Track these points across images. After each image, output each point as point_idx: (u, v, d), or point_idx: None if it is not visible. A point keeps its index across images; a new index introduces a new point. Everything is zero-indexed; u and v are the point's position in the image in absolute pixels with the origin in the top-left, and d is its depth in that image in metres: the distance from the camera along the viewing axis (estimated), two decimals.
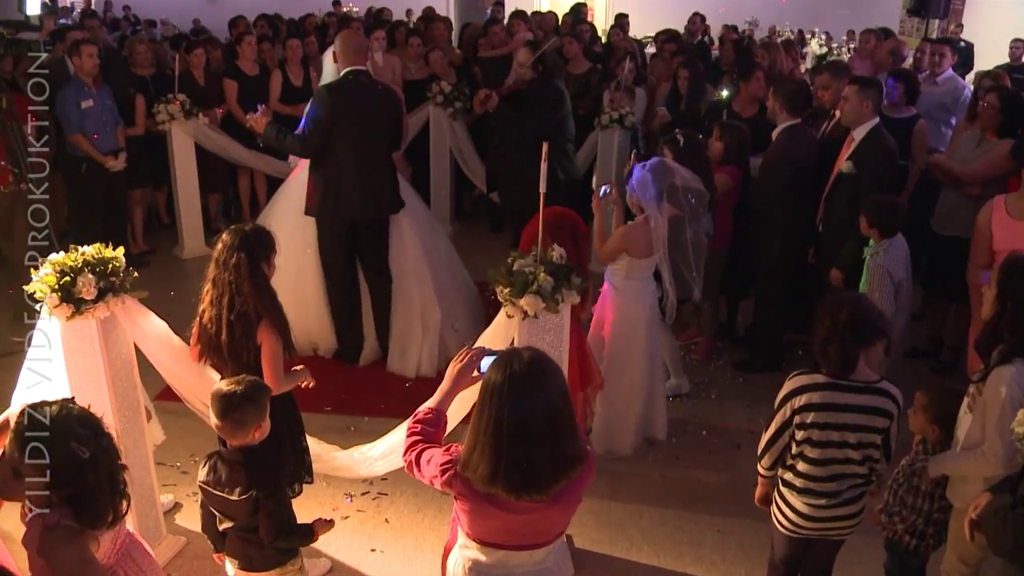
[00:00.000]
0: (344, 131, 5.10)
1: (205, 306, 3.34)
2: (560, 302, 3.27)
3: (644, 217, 4.36)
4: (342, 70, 5.17)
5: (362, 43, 5.47)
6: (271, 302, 3.34)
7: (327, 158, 5.16)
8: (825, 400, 2.99)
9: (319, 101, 5.07)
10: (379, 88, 5.41)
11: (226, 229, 3.42)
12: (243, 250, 3.27)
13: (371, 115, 5.20)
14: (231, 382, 2.86)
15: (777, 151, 5.16)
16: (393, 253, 5.60)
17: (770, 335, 5.77)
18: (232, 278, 3.26)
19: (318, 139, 5.08)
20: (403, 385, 5.44)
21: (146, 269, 7.19)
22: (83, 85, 6.61)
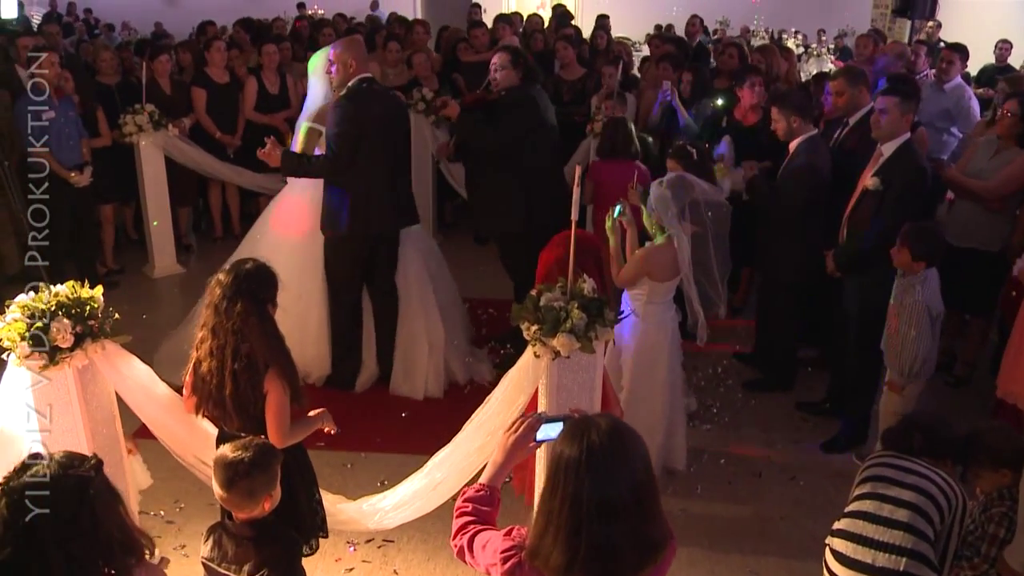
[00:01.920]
0: (370, 142, 4.80)
1: (202, 356, 2.97)
2: (594, 339, 2.95)
3: (665, 238, 4.07)
4: (352, 78, 4.84)
5: (364, 49, 5.18)
6: (280, 349, 3.00)
7: (352, 172, 4.83)
8: None
9: (343, 113, 4.75)
10: (390, 93, 5.15)
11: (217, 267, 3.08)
12: (247, 296, 2.92)
13: (392, 122, 4.97)
14: (237, 447, 2.50)
15: (800, 163, 4.89)
16: (399, 268, 5.34)
17: (784, 354, 5.51)
18: (237, 326, 2.91)
19: (348, 155, 4.77)
20: (400, 415, 5.10)
21: (115, 290, 6.82)
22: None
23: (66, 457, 1.98)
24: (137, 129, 6.81)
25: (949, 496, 2.87)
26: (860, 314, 4.77)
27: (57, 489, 1.89)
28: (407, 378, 5.33)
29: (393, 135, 5.02)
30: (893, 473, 2.98)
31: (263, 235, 5.36)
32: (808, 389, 5.53)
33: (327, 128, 4.86)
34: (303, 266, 5.07)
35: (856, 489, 3.11)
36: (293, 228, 5.22)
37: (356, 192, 4.87)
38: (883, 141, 4.58)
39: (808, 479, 4.67)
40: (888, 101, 4.51)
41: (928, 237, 4.08)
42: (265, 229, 5.40)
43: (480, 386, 5.47)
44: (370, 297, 5.31)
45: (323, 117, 5.10)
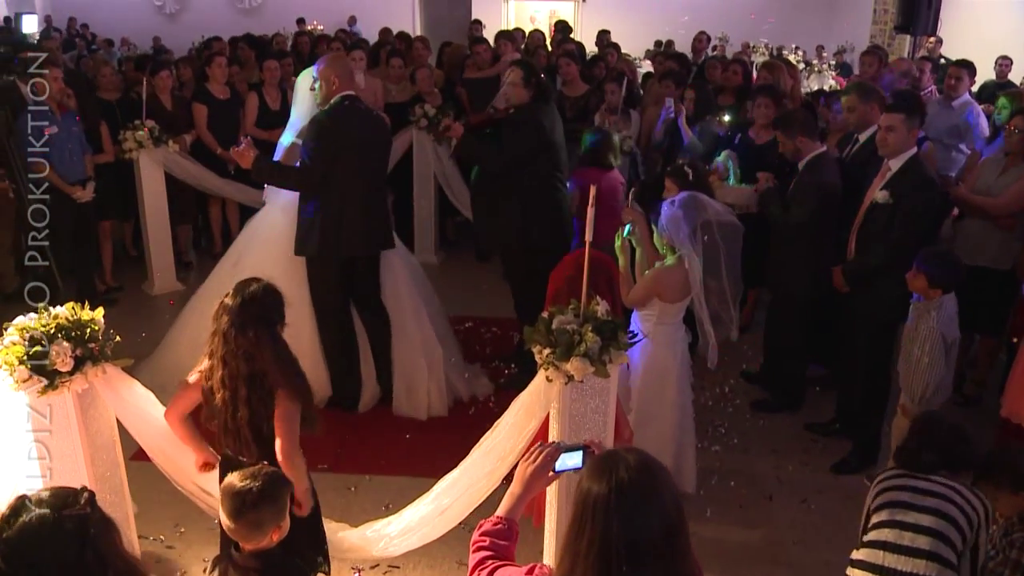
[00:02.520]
0: (345, 161, 4.70)
1: (215, 387, 2.88)
2: (608, 363, 2.88)
3: (676, 258, 4.00)
4: (335, 95, 4.75)
5: (350, 66, 5.09)
6: (292, 371, 2.93)
7: (325, 191, 4.74)
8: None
9: (319, 130, 4.66)
10: (373, 113, 5.05)
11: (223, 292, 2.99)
12: (257, 321, 2.85)
13: (370, 143, 4.85)
14: (245, 476, 2.42)
15: (808, 181, 4.84)
16: (388, 290, 5.23)
17: (792, 373, 5.44)
18: (247, 352, 2.83)
19: (318, 170, 4.67)
20: (404, 436, 5.01)
21: (113, 308, 6.74)
22: (47, 110, 6.13)
23: (55, 496, 1.83)
24: (137, 145, 6.74)
25: (969, 512, 2.80)
26: (869, 331, 4.72)
27: (57, 534, 1.76)
28: (409, 397, 5.25)
29: (371, 156, 4.91)
30: (910, 497, 2.91)
31: (245, 257, 5.23)
32: (816, 409, 5.46)
33: (303, 142, 4.78)
34: (288, 289, 4.94)
35: (873, 516, 3.04)
36: (275, 249, 5.09)
37: (327, 213, 4.78)
38: (891, 157, 4.54)
39: (819, 502, 4.59)
40: (894, 118, 4.48)
41: (946, 263, 4.01)
42: (246, 251, 5.29)
43: (483, 403, 5.41)
44: (360, 318, 5.23)
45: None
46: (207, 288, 5.34)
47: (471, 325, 6.38)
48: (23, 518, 1.77)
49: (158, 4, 19.38)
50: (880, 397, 4.82)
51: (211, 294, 5.15)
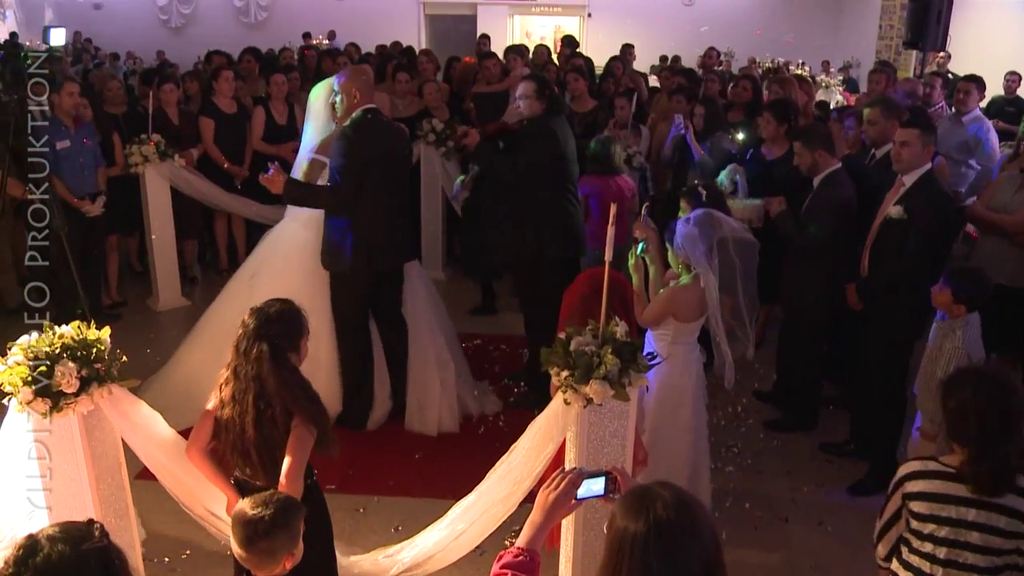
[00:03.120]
0: (374, 175, 4.68)
1: (225, 400, 2.82)
2: (627, 385, 2.80)
3: (692, 277, 3.93)
4: (356, 109, 4.72)
5: (371, 79, 5.07)
6: (303, 395, 2.84)
7: (356, 205, 4.70)
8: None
9: (347, 145, 4.62)
10: (394, 125, 5.05)
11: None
12: (265, 340, 2.78)
13: (396, 155, 4.87)
14: (257, 503, 2.33)
15: (827, 197, 4.77)
16: (406, 304, 5.21)
17: (808, 392, 5.35)
18: (255, 372, 2.77)
19: (352, 187, 4.64)
20: (413, 456, 4.92)
21: (117, 323, 6.67)
22: (60, 125, 6.13)
23: (67, 532, 1.75)
24: (143, 160, 6.69)
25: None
26: (883, 350, 4.64)
27: (83, 570, 1.68)
28: (421, 413, 5.19)
29: (397, 168, 4.92)
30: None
31: (263, 271, 5.18)
32: (830, 428, 5.37)
33: (331, 159, 4.74)
34: (309, 304, 4.88)
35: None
36: (295, 263, 5.06)
37: (359, 227, 4.74)
38: (905, 173, 4.49)
39: (836, 524, 4.50)
40: (909, 133, 4.44)
41: (973, 279, 3.92)
42: (264, 265, 5.23)
43: (492, 422, 5.33)
44: (379, 332, 5.18)
45: (326, 148, 4.99)
46: (221, 303, 5.29)
47: (479, 342, 6.30)
48: (41, 557, 1.69)
49: (163, 18, 19.44)
50: (896, 417, 4.73)
51: (225, 309, 5.11)
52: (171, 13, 19.44)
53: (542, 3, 18.21)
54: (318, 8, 18.63)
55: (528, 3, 18.07)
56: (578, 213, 5.37)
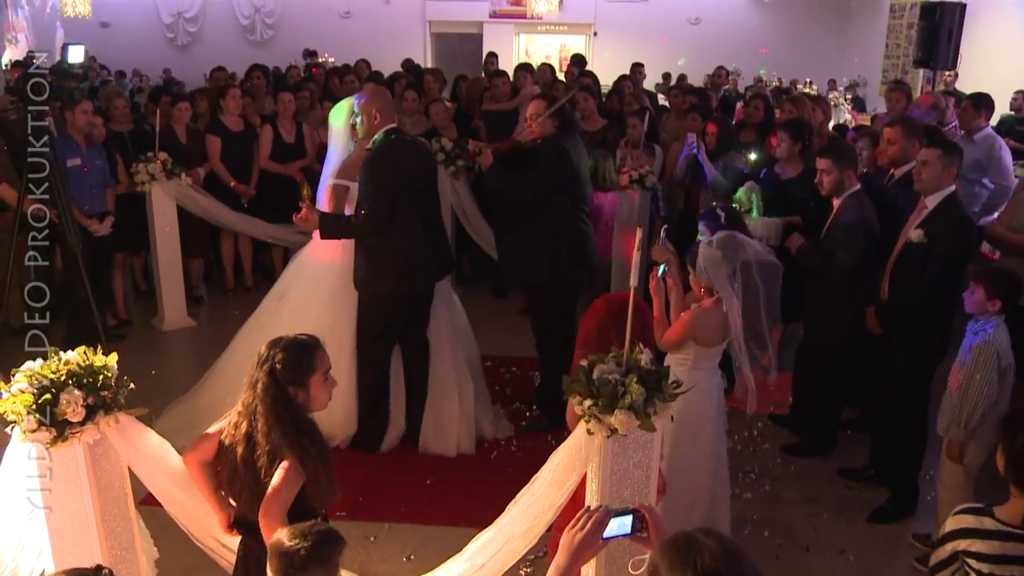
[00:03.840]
0: (406, 196, 4.62)
1: (230, 424, 2.71)
2: (653, 415, 2.70)
3: (714, 300, 3.83)
4: (378, 130, 4.65)
5: (390, 99, 5.00)
6: (295, 440, 2.62)
7: (391, 228, 4.63)
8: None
9: (376, 169, 4.56)
10: (418, 142, 5.01)
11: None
12: (269, 374, 2.64)
13: (425, 173, 4.84)
14: (295, 533, 2.20)
15: (852, 219, 4.67)
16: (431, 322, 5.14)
17: (825, 417, 5.25)
18: (252, 404, 2.65)
19: (386, 212, 4.57)
20: (425, 481, 4.81)
21: (123, 343, 6.60)
22: (72, 142, 6.08)
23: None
24: (149, 178, 6.62)
25: None
26: (904, 374, 4.54)
27: None
28: (437, 434, 5.09)
29: (426, 184, 4.89)
30: None
31: (291, 292, 5.12)
32: (849, 453, 5.26)
33: (361, 185, 4.66)
34: (332, 325, 4.82)
35: None
36: (322, 283, 4.99)
37: (396, 249, 4.67)
38: (926, 194, 4.41)
39: (858, 553, 4.39)
40: (930, 153, 4.36)
41: (1005, 276, 3.87)
42: (292, 286, 5.16)
43: (504, 446, 5.22)
44: (402, 353, 5.08)
45: (348, 171, 4.93)
46: (251, 326, 5.21)
47: (490, 364, 6.19)
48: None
49: (170, 36, 19.45)
50: (917, 443, 4.63)
51: (254, 331, 5.05)
52: (177, 31, 19.45)
53: (548, 21, 18.18)
54: (324, 26, 18.64)
55: (534, 21, 18.03)
56: (591, 233, 5.29)
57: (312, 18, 18.88)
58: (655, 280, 3.99)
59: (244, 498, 2.71)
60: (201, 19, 19.50)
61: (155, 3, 19.28)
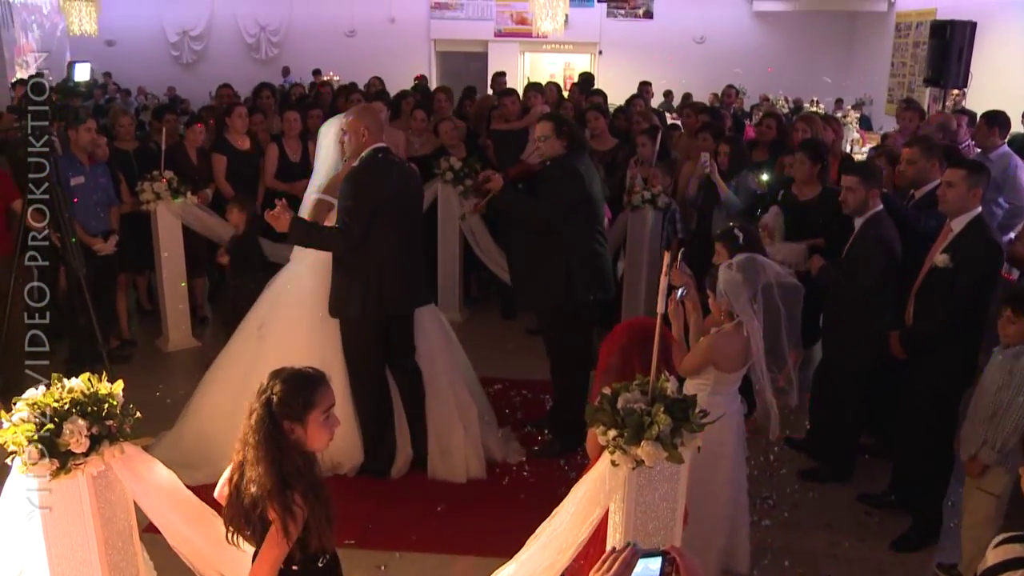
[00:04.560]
0: (384, 217, 4.49)
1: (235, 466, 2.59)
2: (680, 446, 2.59)
3: (735, 324, 3.73)
4: (366, 148, 4.55)
5: (380, 117, 4.89)
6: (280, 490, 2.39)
7: (364, 248, 4.51)
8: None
9: (357, 184, 4.45)
10: (406, 165, 4.85)
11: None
12: (264, 407, 2.46)
13: (406, 196, 4.67)
14: None
15: (875, 240, 4.57)
16: (420, 348, 4.99)
17: (845, 442, 5.13)
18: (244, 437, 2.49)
19: (360, 229, 4.44)
20: (436, 509, 4.69)
21: (127, 364, 6.50)
22: (76, 160, 6.02)
23: None
24: (155, 197, 6.54)
25: None
26: (931, 401, 4.42)
27: None
28: (445, 460, 4.97)
29: (408, 209, 4.74)
30: None
31: (272, 320, 4.95)
32: (868, 478, 5.14)
33: (340, 199, 4.55)
34: (321, 353, 4.69)
35: None
36: (305, 310, 4.85)
37: (368, 271, 4.55)
38: (952, 216, 4.31)
39: None
40: (955, 174, 4.26)
41: None
42: (272, 313, 4.99)
43: (516, 471, 5.11)
44: (393, 378, 4.96)
45: (333, 189, 4.82)
46: (229, 354, 5.06)
47: (500, 387, 6.08)
48: None
49: (175, 55, 19.48)
50: (943, 469, 4.52)
51: (234, 361, 4.90)
52: (183, 50, 19.48)
53: (553, 40, 18.17)
54: (329, 45, 18.66)
55: (539, 40, 18.02)
56: (607, 254, 5.20)
57: (317, 37, 18.90)
58: (673, 304, 3.89)
59: (233, 524, 2.55)
60: (206, 37, 19.53)
61: (160, 21, 19.32)
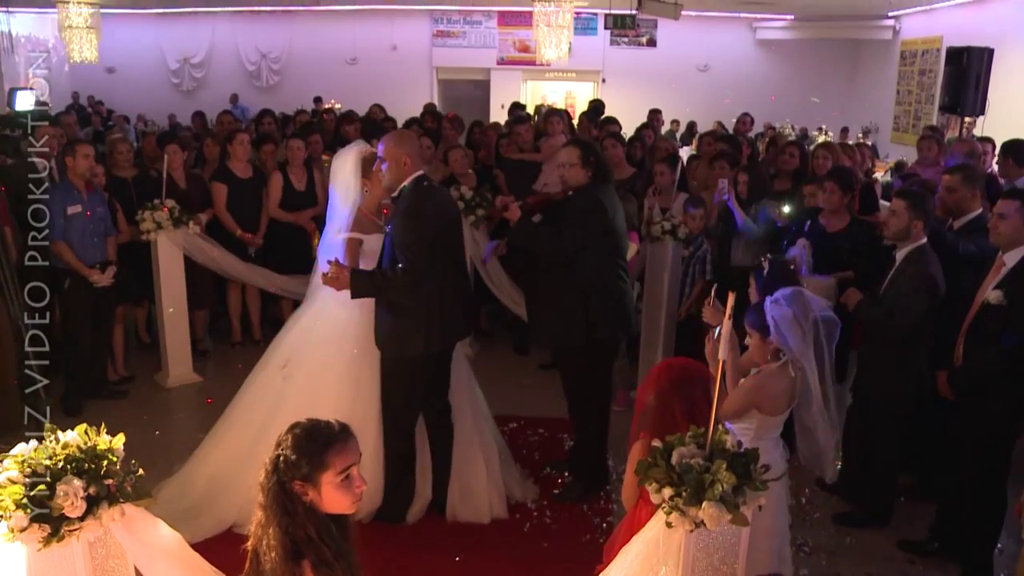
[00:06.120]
0: (439, 248, 4.28)
1: (253, 527, 2.33)
2: (742, 505, 2.34)
3: (780, 364, 3.48)
4: (408, 177, 4.30)
5: (418, 143, 4.71)
6: (288, 555, 2.17)
7: (426, 282, 4.28)
8: None
9: (419, 217, 4.20)
10: (446, 192, 4.66)
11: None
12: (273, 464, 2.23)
13: (454, 222, 4.54)
14: None
15: (918, 274, 4.33)
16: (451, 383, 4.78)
17: (885, 484, 4.86)
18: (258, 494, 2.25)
19: (424, 265, 4.19)
20: (455, 557, 4.38)
21: (124, 400, 6.24)
22: (72, 188, 5.81)
23: None
24: (156, 226, 6.29)
25: None
26: (984, 441, 4.18)
27: None
28: (465, 500, 4.70)
29: (456, 236, 4.58)
30: None
31: (298, 358, 4.66)
32: (907, 523, 4.86)
33: (398, 235, 4.24)
34: (355, 397, 4.44)
35: None
36: (335, 348, 4.57)
37: (428, 304, 4.28)
38: (1004, 250, 4.08)
39: None
40: (1008, 206, 4.05)
41: None
42: (299, 351, 4.70)
43: (538, 517, 4.82)
44: (426, 418, 4.68)
45: (361, 224, 4.59)
46: (248, 395, 4.76)
47: (516, 426, 5.81)
48: None
49: (175, 82, 19.38)
50: (995, 516, 4.25)
51: (254, 404, 4.62)
52: (183, 77, 19.40)
53: (556, 68, 18.05)
54: (330, 72, 18.56)
55: (541, 68, 17.92)
56: (629, 291, 4.95)
57: (318, 64, 18.82)
58: (711, 344, 3.64)
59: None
60: (207, 65, 19.45)
61: (161, 48, 19.25)
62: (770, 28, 18.55)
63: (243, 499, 4.17)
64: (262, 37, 19.32)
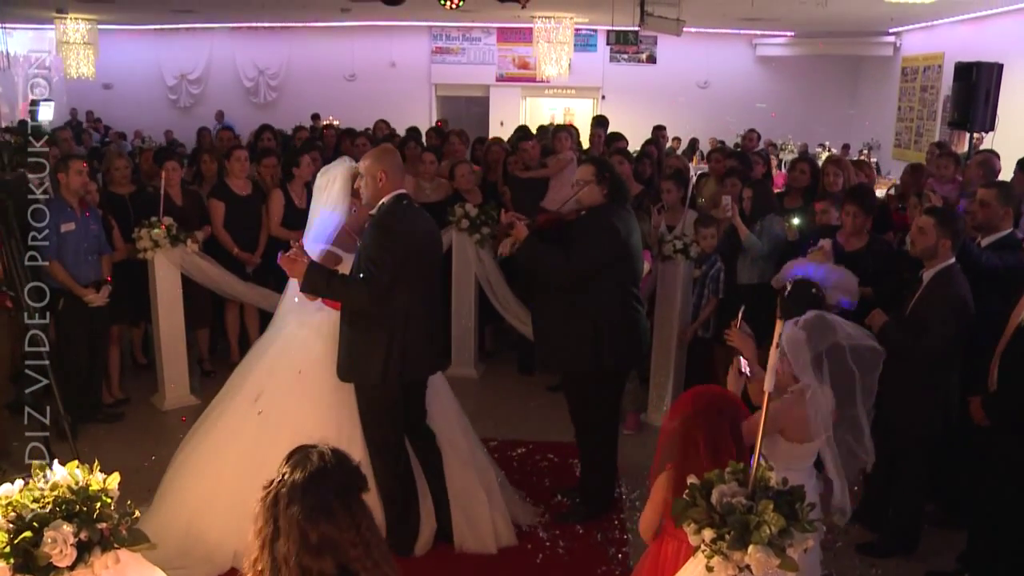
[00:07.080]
0: (409, 269, 4.06)
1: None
2: (789, 548, 2.16)
3: (799, 388, 3.32)
4: (385, 194, 4.12)
5: (399, 160, 4.43)
6: None
7: (386, 304, 4.04)
8: None
9: (387, 232, 4.01)
10: (426, 215, 4.42)
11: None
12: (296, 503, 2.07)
13: (434, 251, 4.30)
14: None
15: (947, 295, 4.17)
16: (434, 409, 4.56)
17: (911, 513, 4.68)
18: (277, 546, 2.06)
19: (388, 281, 3.97)
20: None
21: (119, 423, 6.05)
22: (66, 206, 5.65)
23: None
24: (153, 244, 6.12)
25: None
26: (1016, 470, 3.99)
27: None
28: (472, 529, 4.51)
29: (432, 263, 4.35)
30: None
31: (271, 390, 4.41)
32: (934, 552, 4.68)
33: (364, 248, 4.07)
34: (339, 429, 4.22)
35: None
36: (312, 378, 4.35)
37: (390, 329, 4.07)
38: None
39: None
40: None
41: None
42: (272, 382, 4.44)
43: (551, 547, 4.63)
44: (411, 447, 4.48)
45: (341, 240, 4.41)
46: (219, 429, 4.49)
47: (524, 451, 5.62)
48: None
49: (172, 98, 19.25)
50: None
51: (227, 437, 4.40)
52: (180, 93, 19.27)
53: (556, 85, 17.94)
54: (329, 89, 18.43)
55: (541, 85, 17.81)
56: (642, 318, 4.77)
57: (316, 80, 18.69)
58: (734, 371, 3.48)
59: None
60: (204, 81, 19.32)
61: (158, 64, 19.13)
62: (770, 44, 18.46)
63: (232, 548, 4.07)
64: (260, 53, 19.19)
